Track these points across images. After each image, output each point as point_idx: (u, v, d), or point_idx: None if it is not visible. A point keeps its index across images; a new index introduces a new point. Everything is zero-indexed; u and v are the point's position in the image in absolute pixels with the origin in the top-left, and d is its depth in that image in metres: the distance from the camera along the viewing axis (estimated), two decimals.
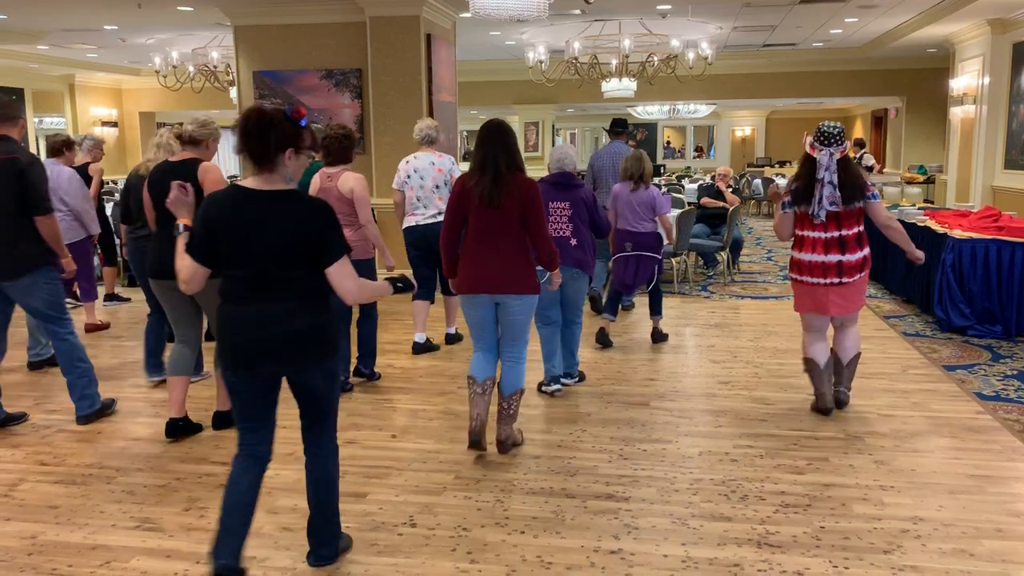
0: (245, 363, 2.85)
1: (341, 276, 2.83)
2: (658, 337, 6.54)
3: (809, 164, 4.58)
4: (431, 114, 8.99)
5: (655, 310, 6.58)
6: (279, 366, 2.90)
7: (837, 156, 4.51)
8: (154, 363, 5.56)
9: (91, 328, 7.08)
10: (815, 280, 4.65)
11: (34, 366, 5.99)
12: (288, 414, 5.06)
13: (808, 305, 4.78)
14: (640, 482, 3.88)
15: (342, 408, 4.98)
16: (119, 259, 8.84)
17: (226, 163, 20.76)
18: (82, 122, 15.95)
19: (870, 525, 3.43)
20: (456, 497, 3.74)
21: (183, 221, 3.13)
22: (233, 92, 11.00)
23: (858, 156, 15.87)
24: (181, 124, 4.69)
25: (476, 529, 3.43)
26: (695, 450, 4.29)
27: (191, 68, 12.16)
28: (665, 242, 6.56)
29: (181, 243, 2.96)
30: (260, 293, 2.81)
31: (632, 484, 3.86)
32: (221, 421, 4.62)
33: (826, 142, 4.53)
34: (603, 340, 6.37)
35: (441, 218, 5.86)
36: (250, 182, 2.82)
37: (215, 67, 11.84)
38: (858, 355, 4.93)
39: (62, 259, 4.74)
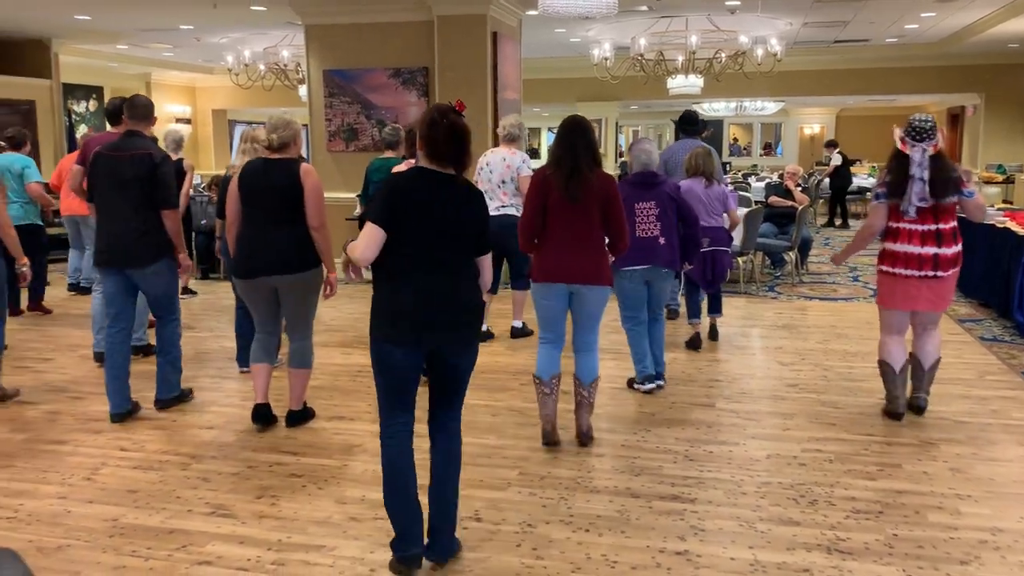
0: (408, 336, 2.98)
1: (488, 266, 3.14)
2: (714, 333, 6.51)
3: (901, 159, 4.50)
4: (496, 112, 9.02)
5: (715, 308, 6.54)
6: (440, 341, 3.02)
7: (930, 152, 4.43)
8: (247, 355, 5.62)
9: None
10: (909, 272, 4.53)
11: (99, 357, 6.01)
12: (333, 405, 5.13)
13: (896, 299, 4.64)
14: (706, 484, 3.85)
15: None
16: (194, 253, 9.16)
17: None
18: (158, 119, 16.44)
19: (946, 534, 3.33)
20: (520, 493, 3.76)
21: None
22: (303, 90, 11.21)
23: (827, 157, 15.52)
24: (255, 125, 4.79)
25: (541, 526, 3.44)
26: (762, 453, 4.23)
27: (262, 67, 12.43)
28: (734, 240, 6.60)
29: None
30: (428, 268, 2.99)
31: (698, 486, 3.82)
32: (294, 419, 4.68)
33: (918, 137, 4.45)
34: (694, 344, 6.30)
35: (503, 211, 6.16)
36: (435, 166, 3.04)
37: (285, 66, 12.08)
38: (939, 360, 4.80)
39: (179, 253, 4.92)
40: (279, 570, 3.11)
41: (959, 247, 4.56)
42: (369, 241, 2.94)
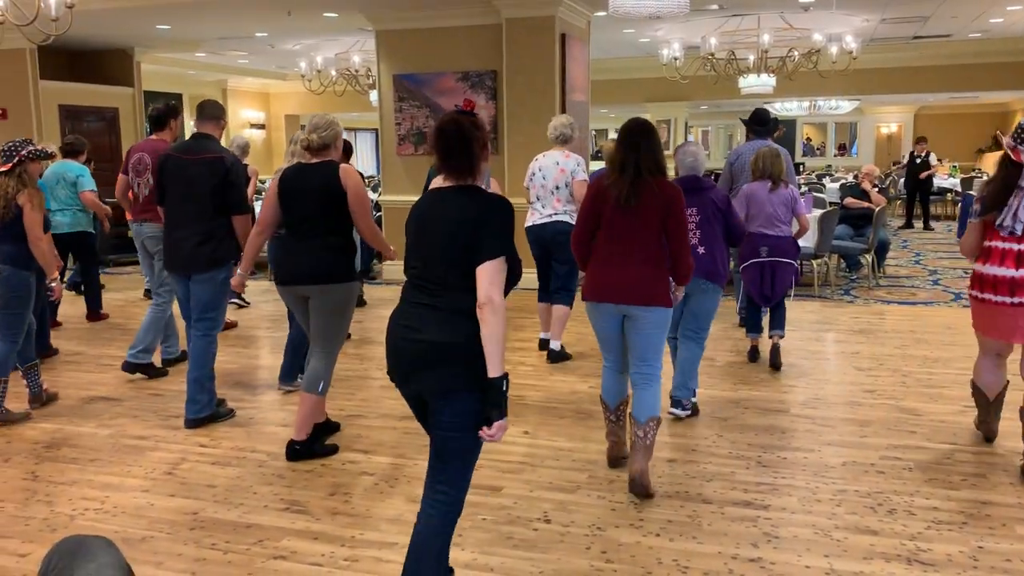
0: (393, 375, 2.68)
1: (487, 278, 2.49)
2: (776, 358, 5.74)
3: (1007, 168, 3.88)
4: (564, 114, 9.00)
5: (777, 323, 5.87)
6: (417, 381, 2.60)
7: None
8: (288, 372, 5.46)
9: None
10: (1000, 299, 3.92)
11: (167, 363, 6.08)
12: None
13: (986, 326, 4.10)
14: (780, 491, 3.77)
15: None
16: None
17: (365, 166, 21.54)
18: (233, 124, 16.92)
19: None
20: (590, 496, 3.75)
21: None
22: (373, 95, 11.40)
23: (922, 155, 14.49)
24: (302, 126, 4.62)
25: (611, 529, 3.42)
26: (838, 460, 4.12)
27: (334, 72, 12.70)
28: (802, 242, 6.15)
29: None
30: (414, 294, 2.65)
31: (771, 492, 3.75)
32: (293, 453, 4.27)
33: None
34: (753, 357, 5.94)
35: (556, 219, 5.84)
36: (438, 182, 2.72)
37: (356, 71, 12.31)
38: None
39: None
40: (352, 566, 3.16)
41: None
42: None
